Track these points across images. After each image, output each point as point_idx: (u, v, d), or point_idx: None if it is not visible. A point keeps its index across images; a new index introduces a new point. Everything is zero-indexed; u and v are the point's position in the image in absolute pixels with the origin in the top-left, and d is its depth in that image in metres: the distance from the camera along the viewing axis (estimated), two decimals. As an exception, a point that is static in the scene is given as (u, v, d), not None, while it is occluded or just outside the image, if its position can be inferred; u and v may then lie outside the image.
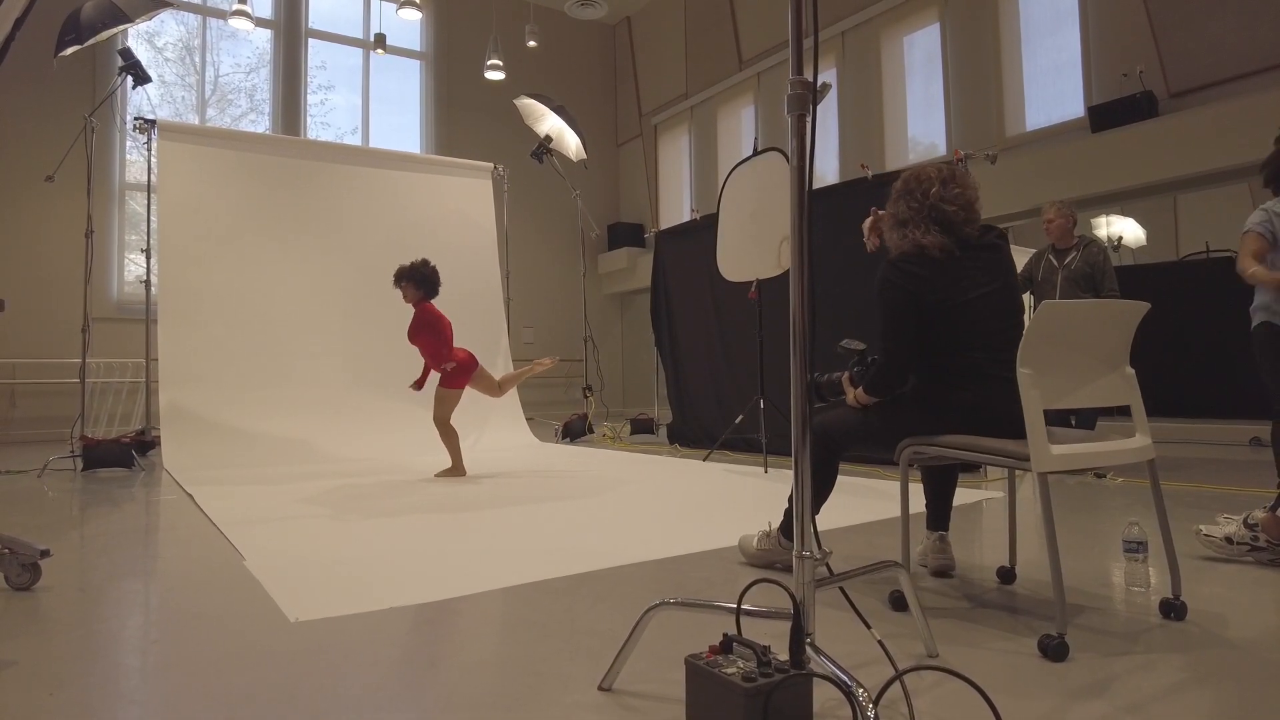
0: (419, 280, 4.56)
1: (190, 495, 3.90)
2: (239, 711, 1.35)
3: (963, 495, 2.25)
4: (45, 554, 2.13)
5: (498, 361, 6.89)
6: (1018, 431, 1.71)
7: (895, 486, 3.80)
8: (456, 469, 4.58)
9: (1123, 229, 7.71)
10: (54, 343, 7.58)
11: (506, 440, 6.53)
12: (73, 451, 5.00)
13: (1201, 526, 2.44)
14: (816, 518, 1.44)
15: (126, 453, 5.00)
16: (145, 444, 5.47)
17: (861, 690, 1.13)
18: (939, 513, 2.29)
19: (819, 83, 1.36)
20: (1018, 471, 1.88)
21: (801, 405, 1.32)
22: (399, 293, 4.63)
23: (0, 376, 7.48)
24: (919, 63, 7.91)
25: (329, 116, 9.75)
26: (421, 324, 4.52)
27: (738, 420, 5.20)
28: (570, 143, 7.22)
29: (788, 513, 2.24)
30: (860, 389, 2.05)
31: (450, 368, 4.51)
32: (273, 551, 2.60)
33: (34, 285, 7.63)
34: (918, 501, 2.29)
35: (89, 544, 2.77)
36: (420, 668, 1.56)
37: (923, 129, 7.86)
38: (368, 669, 1.55)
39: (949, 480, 2.31)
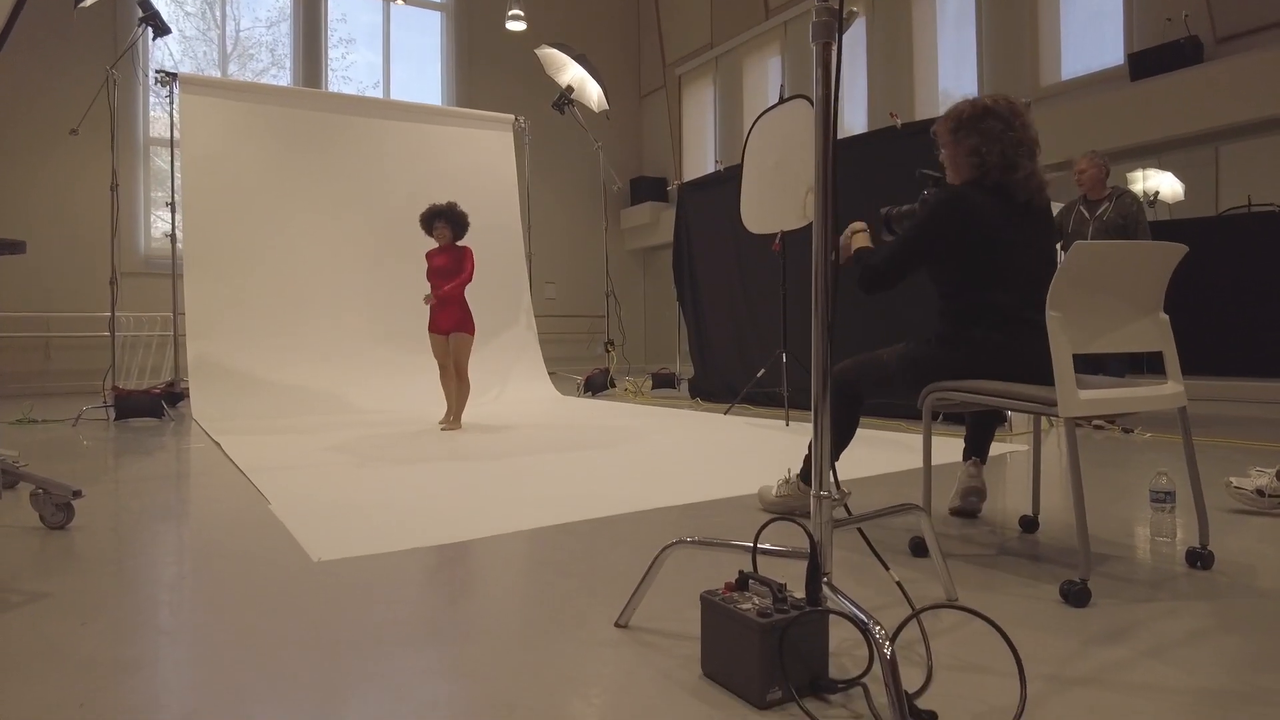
0: (456, 221, 4.57)
1: (218, 443, 3.97)
2: (263, 641, 1.38)
3: (986, 447, 2.33)
4: (78, 494, 2.18)
5: (520, 318, 6.89)
6: (1046, 380, 1.68)
7: (919, 440, 3.77)
8: (459, 420, 4.66)
9: (1159, 183, 7.46)
10: (86, 297, 7.70)
11: (528, 394, 6.56)
12: (105, 402, 5.11)
13: (1232, 478, 2.39)
14: (836, 464, 1.42)
15: (157, 403, 5.10)
16: (175, 395, 5.57)
17: (879, 628, 1.12)
18: (979, 442, 2.32)
19: (845, 10, 1.31)
20: (1044, 424, 1.84)
21: (821, 352, 1.29)
22: (419, 241, 4.59)
23: (35, 329, 7.63)
24: (951, 9, 7.64)
25: (350, 70, 9.67)
26: (466, 262, 4.54)
27: (759, 374, 5.17)
28: (592, 93, 7.10)
29: (808, 459, 2.23)
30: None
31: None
32: (297, 495, 2.65)
33: (64, 239, 7.73)
34: (939, 453, 2.26)
35: (122, 488, 2.83)
36: (440, 604, 1.58)
37: (954, 79, 7.62)
38: (388, 605, 1.57)
39: (989, 423, 2.35)
